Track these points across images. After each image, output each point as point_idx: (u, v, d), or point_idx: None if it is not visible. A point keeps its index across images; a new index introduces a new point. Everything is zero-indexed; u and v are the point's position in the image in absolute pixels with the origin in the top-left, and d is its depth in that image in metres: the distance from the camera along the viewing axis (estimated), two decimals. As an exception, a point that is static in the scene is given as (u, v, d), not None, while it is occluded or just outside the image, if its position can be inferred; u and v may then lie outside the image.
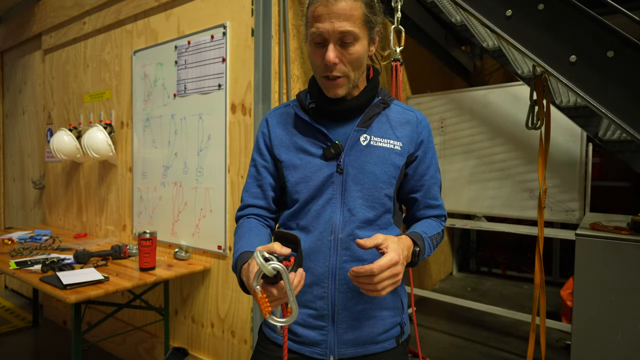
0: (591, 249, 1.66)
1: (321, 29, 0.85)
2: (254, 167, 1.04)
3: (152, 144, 2.44)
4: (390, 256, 0.77)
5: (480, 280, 4.40)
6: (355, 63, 0.89)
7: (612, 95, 1.40)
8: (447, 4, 2.33)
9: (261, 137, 1.03)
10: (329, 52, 0.85)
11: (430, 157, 1.00)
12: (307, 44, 0.93)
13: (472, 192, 3.05)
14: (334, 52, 0.86)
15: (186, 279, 2.29)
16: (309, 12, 0.88)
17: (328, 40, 0.86)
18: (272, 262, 0.70)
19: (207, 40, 2.13)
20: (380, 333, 0.95)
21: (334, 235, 0.92)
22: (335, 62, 0.86)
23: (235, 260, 0.88)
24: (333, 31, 0.84)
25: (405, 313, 1.01)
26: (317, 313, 0.94)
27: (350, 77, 0.90)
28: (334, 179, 0.93)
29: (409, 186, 1.01)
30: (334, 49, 0.86)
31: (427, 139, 1.00)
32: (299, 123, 0.99)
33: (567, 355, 2.47)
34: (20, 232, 2.82)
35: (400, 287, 0.99)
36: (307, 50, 0.93)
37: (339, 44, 0.86)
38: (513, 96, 2.87)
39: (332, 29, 0.84)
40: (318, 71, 0.91)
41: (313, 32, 0.86)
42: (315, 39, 0.87)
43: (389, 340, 0.97)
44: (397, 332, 0.98)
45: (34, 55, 3.46)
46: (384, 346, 0.96)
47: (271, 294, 0.73)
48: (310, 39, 0.89)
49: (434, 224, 1.00)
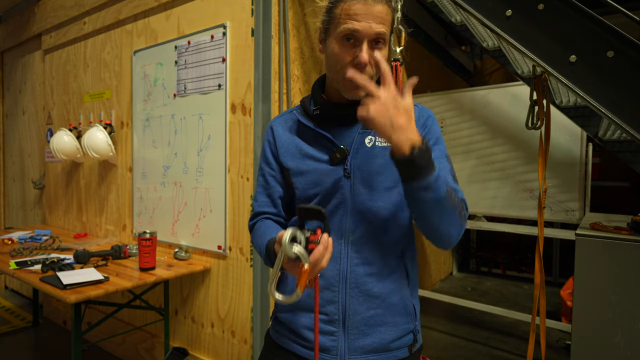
0: (591, 249, 1.66)
1: (358, 27, 0.83)
2: (262, 177, 1.04)
3: (152, 144, 2.44)
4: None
5: (480, 280, 4.40)
6: (379, 66, 0.88)
7: (612, 95, 1.40)
8: (447, 4, 2.33)
9: (267, 146, 1.03)
10: (363, 52, 0.84)
11: (432, 144, 0.95)
12: (329, 40, 0.90)
13: (472, 192, 3.05)
14: (368, 53, 0.84)
15: (186, 279, 2.29)
16: (342, 9, 0.85)
17: (361, 40, 0.84)
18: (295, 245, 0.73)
19: (207, 40, 2.13)
20: (392, 340, 0.93)
21: (345, 239, 0.91)
22: (368, 63, 0.85)
23: (265, 248, 0.89)
24: (371, 31, 0.84)
25: (418, 321, 0.99)
26: (327, 318, 0.92)
27: (373, 79, 0.89)
28: (342, 183, 0.92)
29: None
30: (367, 49, 0.84)
31: (430, 128, 0.97)
32: (304, 130, 0.98)
33: (567, 355, 2.47)
34: (20, 232, 2.82)
35: (412, 294, 0.97)
36: (329, 46, 0.90)
37: (370, 45, 0.85)
38: (513, 96, 2.87)
39: (370, 29, 0.83)
40: (342, 71, 0.87)
41: (347, 28, 0.84)
42: (347, 35, 0.85)
43: (401, 349, 0.94)
44: (409, 340, 0.96)
45: (34, 55, 3.46)
46: (397, 355, 0.93)
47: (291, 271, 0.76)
48: (340, 34, 0.86)
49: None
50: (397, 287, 0.94)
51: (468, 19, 2.25)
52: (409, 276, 0.96)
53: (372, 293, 0.91)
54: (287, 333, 0.99)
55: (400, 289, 0.94)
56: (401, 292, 0.94)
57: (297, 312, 0.96)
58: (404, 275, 0.95)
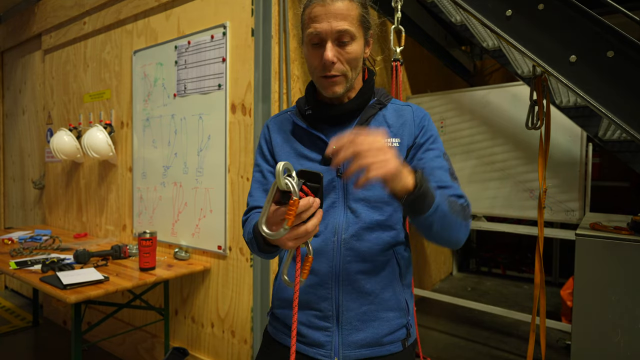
0: (591, 249, 1.66)
1: (319, 29, 0.86)
2: (260, 173, 1.04)
3: (152, 144, 2.44)
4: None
5: (480, 280, 4.40)
6: (353, 62, 0.90)
7: (612, 95, 1.40)
8: (447, 4, 2.33)
9: (264, 143, 1.05)
10: (327, 51, 0.86)
11: (430, 143, 0.96)
12: (304, 46, 0.93)
13: (472, 192, 3.05)
14: (332, 51, 0.86)
15: (186, 279, 2.29)
16: (306, 15, 0.89)
17: (325, 40, 0.87)
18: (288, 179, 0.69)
19: (207, 40, 2.13)
20: (385, 335, 0.94)
21: (337, 237, 0.92)
22: (334, 61, 0.87)
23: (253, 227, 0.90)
24: (331, 30, 0.85)
25: (411, 315, 1.00)
26: (321, 314, 0.94)
27: (348, 76, 0.91)
28: (335, 184, 0.93)
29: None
30: (332, 47, 0.86)
31: (426, 127, 0.97)
32: (297, 130, 1.00)
33: (567, 355, 2.47)
34: (20, 232, 2.83)
35: (404, 288, 0.98)
36: (304, 52, 0.93)
37: (336, 43, 0.87)
38: (513, 96, 2.87)
39: (330, 28, 0.85)
40: (316, 72, 0.91)
41: (310, 33, 0.87)
42: (312, 40, 0.88)
43: (394, 343, 0.96)
44: (403, 335, 0.97)
45: (34, 55, 3.46)
46: (390, 349, 0.95)
47: (277, 214, 0.71)
48: (307, 39, 0.89)
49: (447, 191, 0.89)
50: (389, 283, 0.95)
51: (468, 19, 2.25)
52: (401, 272, 0.97)
53: (364, 290, 0.93)
54: (283, 329, 1.00)
55: (392, 285, 0.96)
56: (393, 288, 0.96)
57: (292, 308, 0.96)
58: (396, 271, 0.97)
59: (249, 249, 1.02)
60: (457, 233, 0.86)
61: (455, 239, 0.88)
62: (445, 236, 0.85)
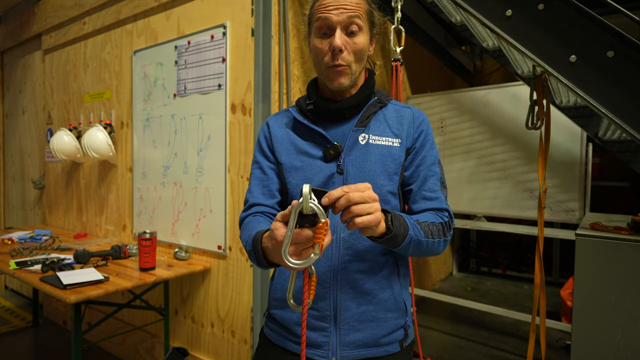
0: (591, 249, 1.66)
1: (328, 15, 0.88)
2: (259, 169, 1.03)
3: (152, 144, 2.44)
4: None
5: (480, 280, 4.40)
6: (359, 54, 0.91)
7: (612, 95, 1.40)
8: (447, 4, 2.33)
9: (264, 140, 1.04)
10: (336, 38, 0.88)
11: (428, 149, 0.98)
12: (311, 38, 0.94)
13: (472, 192, 3.05)
14: (341, 39, 0.88)
15: (186, 279, 2.29)
16: (316, 6, 0.91)
17: (334, 29, 0.89)
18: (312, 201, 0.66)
19: (207, 40, 2.13)
20: (383, 335, 0.94)
21: (336, 235, 0.92)
22: (342, 48, 0.88)
23: (253, 238, 0.85)
24: (341, 17, 0.88)
25: (409, 315, 1.00)
26: (319, 314, 0.93)
27: (353, 68, 0.92)
28: (334, 180, 0.93)
29: (405, 178, 0.99)
30: (341, 35, 0.88)
31: (425, 132, 0.99)
32: (298, 126, 1.00)
33: (567, 355, 2.47)
34: (20, 232, 2.83)
35: (402, 288, 0.98)
36: (311, 44, 0.94)
37: (345, 33, 0.89)
38: (513, 96, 2.87)
39: (340, 15, 0.88)
40: (323, 62, 0.92)
41: (320, 18, 0.89)
42: (322, 28, 0.90)
43: (392, 344, 0.95)
44: (401, 335, 0.97)
45: (34, 55, 3.46)
46: (388, 350, 0.95)
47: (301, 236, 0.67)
48: (316, 29, 0.91)
49: (429, 215, 0.95)
50: (387, 283, 0.95)
51: (468, 19, 2.25)
52: (399, 272, 0.97)
53: (363, 289, 0.93)
54: (280, 330, 0.99)
55: (390, 285, 0.95)
56: (392, 288, 0.96)
57: (288, 309, 0.97)
58: (394, 271, 0.97)
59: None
60: (435, 250, 0.92)
61: (434, 254, 0.94)
62: (423, 255, 0.92)
